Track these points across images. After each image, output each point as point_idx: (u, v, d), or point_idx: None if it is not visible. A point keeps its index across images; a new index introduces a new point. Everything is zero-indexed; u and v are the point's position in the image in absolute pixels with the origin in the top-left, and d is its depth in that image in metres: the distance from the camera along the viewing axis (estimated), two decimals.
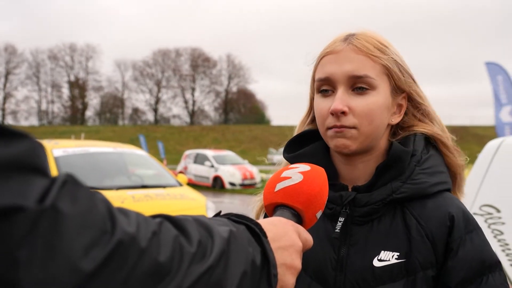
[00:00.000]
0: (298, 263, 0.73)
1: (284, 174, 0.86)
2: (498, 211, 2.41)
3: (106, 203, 0.50)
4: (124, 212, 0.52)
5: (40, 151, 0.47)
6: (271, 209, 0.84)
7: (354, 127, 1.01)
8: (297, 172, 0.85)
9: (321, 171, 0.88)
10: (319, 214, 0.84)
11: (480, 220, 2.36)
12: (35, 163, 0.45)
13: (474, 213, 0.98)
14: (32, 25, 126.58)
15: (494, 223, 2.40)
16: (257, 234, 0.67)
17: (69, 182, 0.47)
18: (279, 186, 0.83)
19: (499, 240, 2.36)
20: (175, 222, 0.58)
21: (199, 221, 0.62)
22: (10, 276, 0.41)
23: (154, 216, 0.58)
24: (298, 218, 0.82)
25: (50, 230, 0.43)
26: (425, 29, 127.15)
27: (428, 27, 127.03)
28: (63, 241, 0.44)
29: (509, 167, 2.50)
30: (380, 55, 1.03)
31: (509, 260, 2.30)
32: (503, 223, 2.38)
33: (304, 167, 0.87)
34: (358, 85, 1.02)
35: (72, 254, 0.44)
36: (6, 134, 0.44)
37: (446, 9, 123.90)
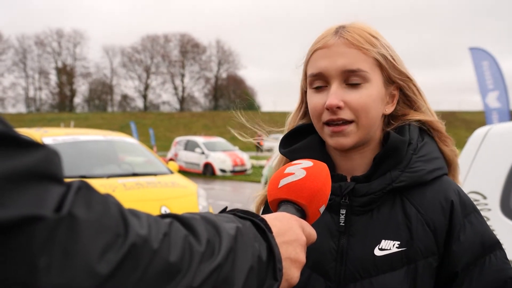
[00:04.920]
0: (302, 257, 0.75)
1: (287, 170, 0.87)
2: (485, 197, 2.46)
3: (118, 206, 0.52)
4: (135, 214, 0.54)
5: (55, 159, 0.48)
6: (275, 205, 0.86)
7: (352, 121, 1.02)
8: (300, 168, 0.87)
9: (323, 167, 0.89)
10: (322, 209, 0.86)
11: None
12: (50, 171, 0.47)
13: None
14: (18, 10, 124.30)
15: (480, 210, 2.45)
16: (263, 229, 0.69)
17: (83, 188, 0.49)
18: (283, 182, 0.85)
19: None
20: (184, 221, 0.60)
21: (206, 219, 0.63)
22: (31, 283, 0.43)
23: (164, 216, 0.60)
24: (302, 213, 0.83)
25: (67, 236, 0.45)
26: (402, 15, 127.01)
27: (405, 12, 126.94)
28: (79, 246, 0.45)
29: (495, 154, 2.55)
30: (371, 47, 1.03)
31: None
32: (489, 210, 2.43)
33: (307, 163, 0.89)
34: (352, 79, 1.02)
35: (89, 259, 0.45)
36: (22, 144, 0.45)
37: None
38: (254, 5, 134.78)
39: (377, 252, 1.02)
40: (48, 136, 6.29)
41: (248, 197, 1.29)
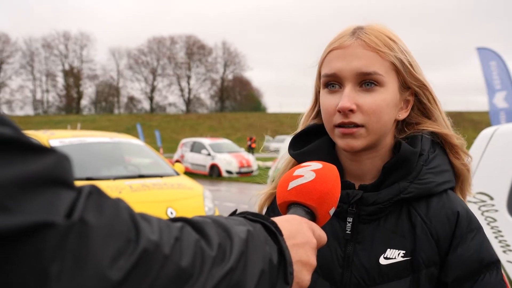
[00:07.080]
0: (313, 259, 0.74)
1: (296, 173, 0.87)
2: (491, 198, 2.44)
3: (129, 210, 0.52)
4: (146, 218, 0.54)
5: (66, 164, 0.48)
6: (284, 207, 0.86)
7: (362, 125, 1.00)
8: (309, 170, 0.87)
9: (333, 169, 0.89)
10: (332, 211, 0.86)
11: (473, 208, 2.40)
12: (61, 176, 0.47)
13: (468, 201, 1.00)
14: (25, 13, 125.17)
15: (487, 211, 2.43)
16: (273, 232, 0.68)
17: (94, 193, 0.49)
18: (292, 184, 0.85)
19: (492, 227, 2.39)
20: (195, 225, 0.60)
21: (217, 222, 0.63)
22: None
23: (174, 220, 0.60)
24: (312, 215, 0.83)
25: (78, 242, 0.44)
26: (404, 15, 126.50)
27: (407, 12, 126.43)
28: (91, 252, 0.45)
29: (502, 155, 2.53)
30: (388, 51, 1.01)
31: (502, 247, 2.33)
32: (496, 211, 2.41)
33: (316, 165, 0.89)
34: (366, 82, 1.00)
35: (100, 265, 0.45)
36: (32, 149, 0.45)
37: None
38: (260, 6, 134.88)
39: (382, 260, 1.02)
40: (54, 138, 6.32)
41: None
